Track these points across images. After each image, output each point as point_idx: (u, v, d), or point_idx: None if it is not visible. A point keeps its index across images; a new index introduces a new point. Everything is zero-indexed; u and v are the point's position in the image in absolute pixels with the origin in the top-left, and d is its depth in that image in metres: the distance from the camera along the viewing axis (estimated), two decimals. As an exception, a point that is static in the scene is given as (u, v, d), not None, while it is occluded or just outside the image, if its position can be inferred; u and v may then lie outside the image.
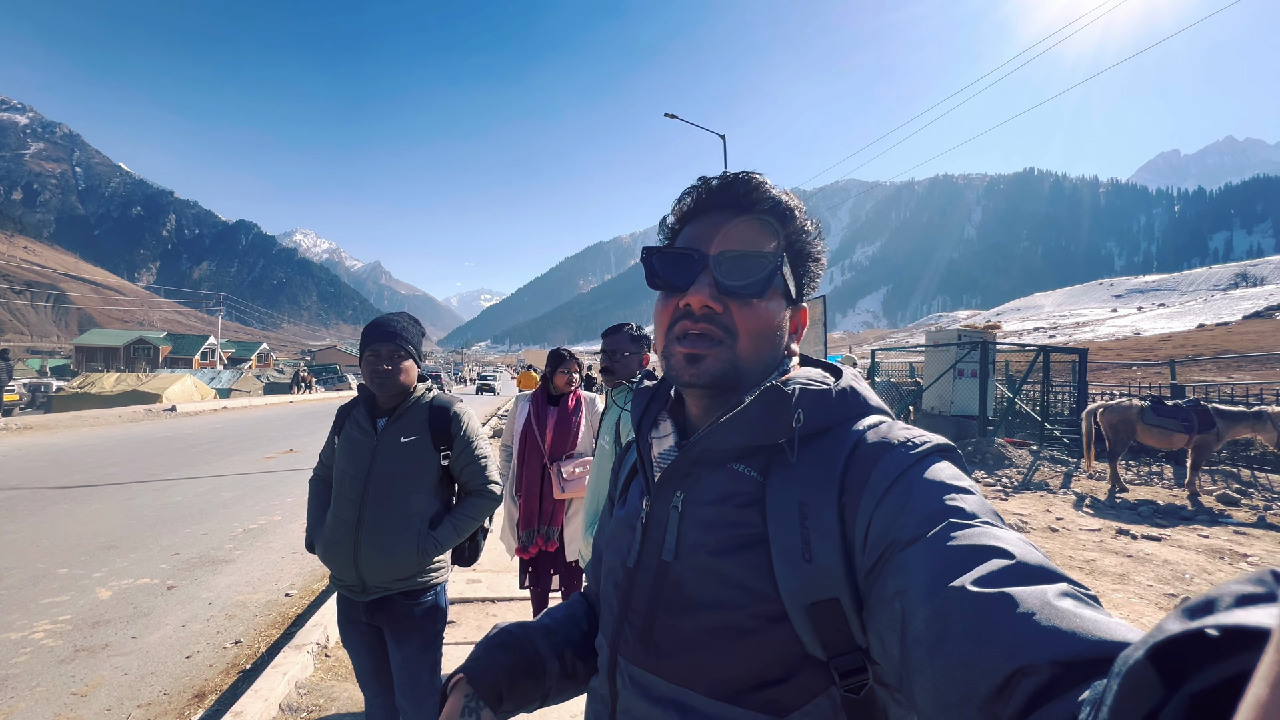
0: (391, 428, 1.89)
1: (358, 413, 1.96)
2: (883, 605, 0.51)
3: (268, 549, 5.22)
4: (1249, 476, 8.13)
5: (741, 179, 0.70)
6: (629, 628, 0.69)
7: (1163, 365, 15.78)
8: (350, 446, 1.91)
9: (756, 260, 0.67)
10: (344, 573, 1.87)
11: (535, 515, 2.90)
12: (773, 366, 0.71)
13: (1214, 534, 5.88)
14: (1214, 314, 55.71)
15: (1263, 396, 9.58)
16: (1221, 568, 4.89)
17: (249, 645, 3.48)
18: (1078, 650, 0.35)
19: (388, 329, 1.86)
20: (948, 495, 0.53)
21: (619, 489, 0.85)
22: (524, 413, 3.09)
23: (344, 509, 1.87)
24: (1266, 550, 5.36)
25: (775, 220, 0.70)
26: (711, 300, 0.67)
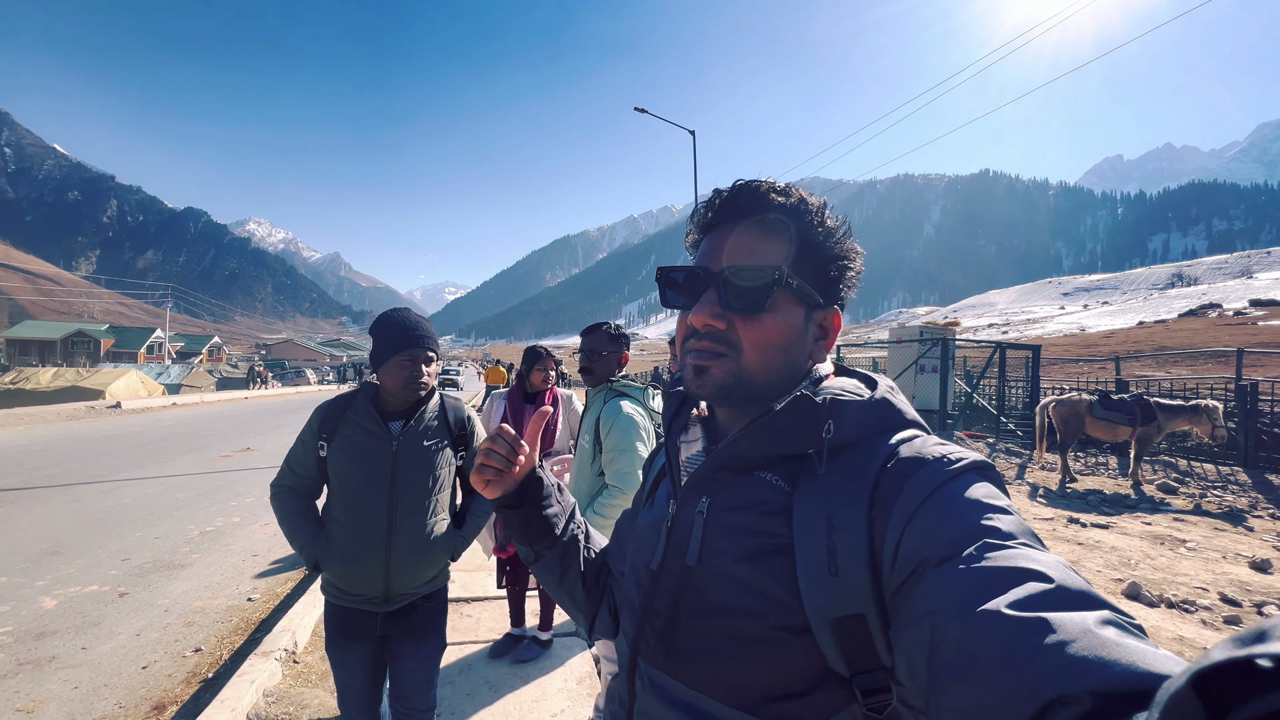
0: (411, 431, 1.80)
1: (358, 414, 1.79)
2: (911, 624, 0.49)
3: (227, 552, 5.03)
4: (1186, 466, 8.64)
5: (746, 188, 0.69)
6: (650, 630, 0.69)
7: (1107, 361, 16.62)
8: (358, 452, 1.76)
9: (756, 273, 0.66)
10: (368, 586, 1.76)
11: None
12: (794, 376, 0.70)
13: (1155, 521, 6.23)
14: (1153, 312, 58.95)
15: (1198, 390, 10.18)
16: (1163, 553, 5.19)
17: (210, 653, 3.35)
18: (1120, 681, 0.33)
19: (420, 332, 1.76)
20: (984, 514, 0.51)
21: (646, 490, 0.85)
22: (500, 410, 3.04)
23: (367, 519, 1.75)
24: (1203, 535, 5.70)
25: (782, 227, 0.68)
26: (713, 318, 0.67)
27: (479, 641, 3.37)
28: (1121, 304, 79.26)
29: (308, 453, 1.81)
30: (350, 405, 1.82)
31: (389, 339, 1.74)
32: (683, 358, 0.71)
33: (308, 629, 3.46)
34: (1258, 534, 5.78)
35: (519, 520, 0.85)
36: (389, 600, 1.80)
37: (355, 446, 1.77)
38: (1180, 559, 5.03)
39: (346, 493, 1.77)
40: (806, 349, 0.70)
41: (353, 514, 1.76)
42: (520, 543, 0.87)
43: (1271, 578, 4.55)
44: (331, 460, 1.78)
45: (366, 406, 1.79)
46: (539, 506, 0.86)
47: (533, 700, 2.80)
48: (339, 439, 1.78)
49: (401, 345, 1.73)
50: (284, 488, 1.86)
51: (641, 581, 0.73)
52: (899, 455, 0.60)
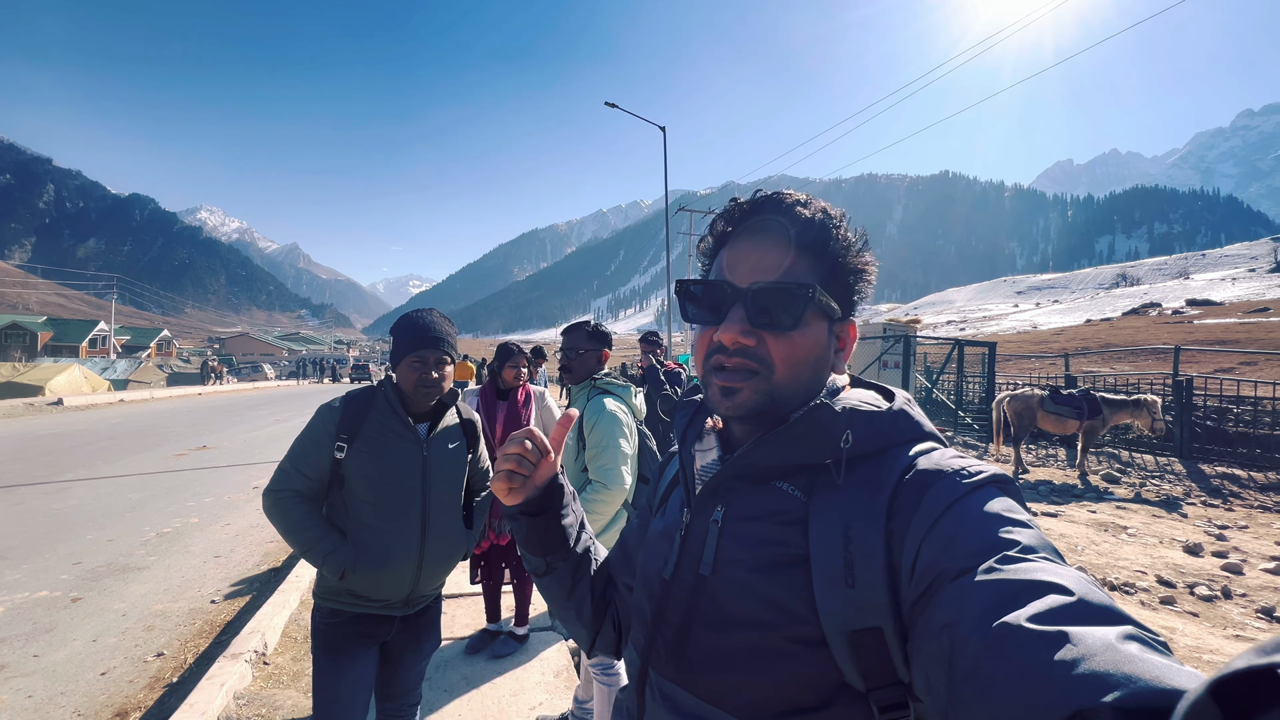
0: (439, 436, 1.80)
1: (384, 416, 1.73)
2: (930, 638, 0.48)
3: (187, 554, 4.87)
4: (1128, 457, 9.14)
5: (772, 200, 0.67)
6: (662, 640, 0.68)
7: (1058, 357, 17.40)
8: (389, 455, 1.71)
9: (790, 292, 0.64)
10: (396, 589, 1.72)
11: (496, 508, 2.89)
12: (816, 387, 0.69)
13: (1100, 509, 6.60)
14: (1099, 310, 61.88)
15: (1139, 386, 10.78)
16: (1106, 539, 5.51)
17: (174, 657, 3.26)
18: (1143, 698, 0.33)
19: (433, 334, 1.71)
20: (1003, 527, 0.51)
21: (658, 498, 0.84)
22: (472, 407, 3.05)
23: (401, 523, 1.71)
24: (1142, 522, 6.07)
25: (810, 243, 0.66)
26: (743, 336, 0.64)
27: (454, 637, 3.37)
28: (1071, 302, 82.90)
29: (321, 454, 1.69)
30: (372, 405, 1.74)
31: (402, 339, 1.72)
32: (705, 375, 0.69)
33: (277, 630, 3.40)
34: (1191, 520, 6.18)
35: (536, 529, 0.80)
36: (409, 603, 1.78)
37: (385, 449, 1.70)
38: (1122, 544, 5.35)
39: (376, 496, 1.69)
40: (829, 361, 0.70)
41: (385, 519, 1.70)
42: (533, 553, 0.82)
43: (1202, 560, 4.89)
44: (353, 463, 1.68)
45: (394, 407, 1.73)
46: (557, 515, 0.81)
47: (510, 694, 2.83)
48: (363, 440, 1.70)
49: (413, 346, 1.70)
50: (290, 493, 1.70)
51: (653, 590, 0.72)
52: (917, 467, 0.59)
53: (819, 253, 0.67)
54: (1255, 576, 4.49)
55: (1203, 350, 17.01)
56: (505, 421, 3.01)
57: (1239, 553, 5.05)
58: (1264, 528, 5.87)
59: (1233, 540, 5.42)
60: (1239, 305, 46.77)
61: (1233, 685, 0.21)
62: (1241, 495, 7.11)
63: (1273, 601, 3.98)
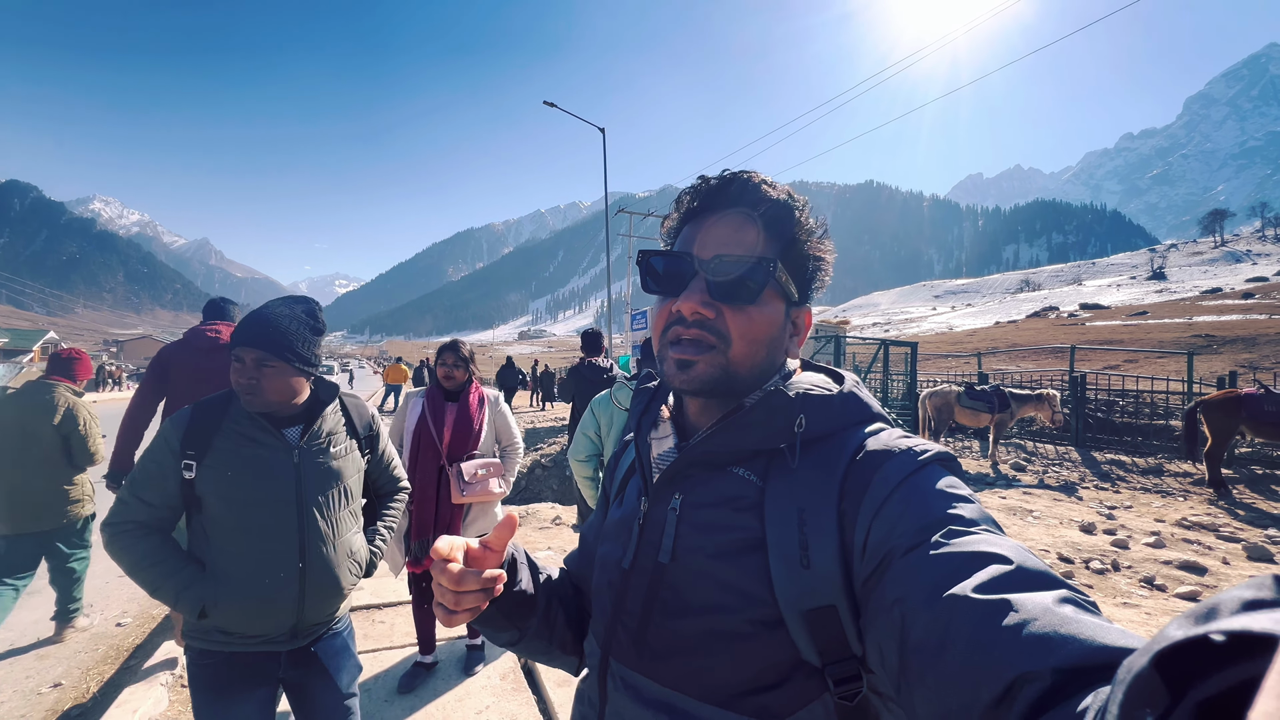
0: (314, 437, 1.56)
1: (239, 422, 1.49)
2: (882, 613, 0.50)
3: (86, 574, 4.44)
4: (1032, 448, 9.97)
5: (739, 179, 0.68)
6: (622, 629, 0.68)
7: (972, 356, 18.74)
8: (251, 467, 1.47)
9: (750, 265, 0.65)
10: (274, 623, 1.49)
11: (430, 523, 2.68)
12: (770, 371, 0.69)
13: (1010, 495, 7.16)
14: (1006, 313, 67.06)
15: (1041, 382, 11.79)
16: (1015, 522, 5.99)
17: (74, 687, 2.97)
18: (1080, 657, 0.34)
19: (251, 332, 1.45)
20: (948, 504, 0.53)
21: (615, 487, 0.84)
22: (417, 409, 2.83)
23: (273, 545, 1.47)
24: (1045, 506, 6.64)
25: (773, 221, 0.67)
26: (703, 306, 0.65)
27: (396, 647, 3.25)
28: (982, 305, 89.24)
29: (166, 477, 1.44)
30: (225, 413, 1.49)
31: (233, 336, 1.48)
32: (662, 349, 0.69)
33: (196, 650, 3.17)
34: (1086, 502, 6.82)
35: (499, 615, 0.73)
36: (297, 635, 1.53)
37: (245, 462, 1.46)
38: (1029, 526, 5.83)
39: (240, 518, 1.45)
40: (784, 344, 0.71)
41: (253, 542, 1.46)
42: (500, 630, 0.76)
43: (1095, 538, 5.40)
44: (205, 482, 1.44)
45: (247, 413, 1.49)
46: (513, 588, 0.74)
47: (455, 700, 2.76)
48: (216, 455, 1.45)
49: (232, 344, 1.45)
50: (132, 525, 1.42)
51: (613, 580, 0.71)
52: (866, 448, 0.61)
53: (781, 234, 0.68)
54: (1138, 550, 5.01)
55: (1094, 349, 18.75)
56: (455, 425, 2.76)
57: (1125, 530, 5.62)
58: (1145, 507, 6.56)
59: (1120, 519, 6.02)
60: (1123, 309, 51.93)
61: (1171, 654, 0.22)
62: (1127, 479, 7.91)
63: (1153, 572, 4.46)
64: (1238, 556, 4.66)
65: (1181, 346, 20.67)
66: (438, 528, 2.66)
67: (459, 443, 2.74)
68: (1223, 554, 4.71)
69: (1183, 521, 5.65)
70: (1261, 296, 56.36)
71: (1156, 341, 30.15)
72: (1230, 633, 0.20)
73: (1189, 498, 6.68)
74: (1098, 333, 36.24)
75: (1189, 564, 4.42)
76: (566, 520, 5.65)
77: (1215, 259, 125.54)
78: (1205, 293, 72.04)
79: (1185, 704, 0.21)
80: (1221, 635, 0.21)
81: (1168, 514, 6.04)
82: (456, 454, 2.72)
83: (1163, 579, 4.24)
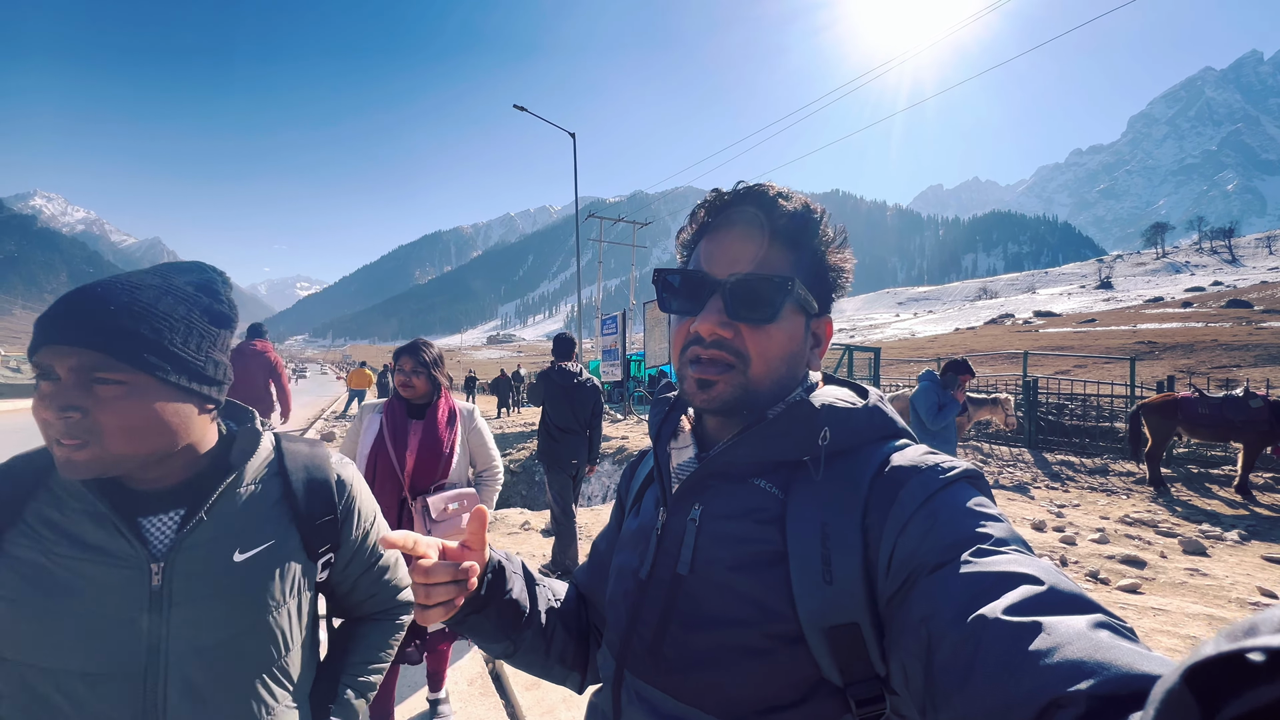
0: (202, 534, 0.82)
1: (56, 506, 0.79)
2: (907, 631, 0.49)
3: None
4: (988, 449, 10.34)
5: (755, 193, 0.67)
6: (638, 641, 0.66)
7: (932, 361, 19.34)
8: (60, 601, 0.76)
9: (768, 283, 0.64)
10: None
11: None
12: (792, 384, 0.68)
13: (966, 495, 7.43)
14: (965, 320, 69.47)
15: (996, 386, 12.26)
16: (972, 521, 6.22)
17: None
18: (1117, 684, 0.33)
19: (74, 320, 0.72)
20: (976, 522, 0.52)
21: (631, 498, 0.82)
22: (373, 427, 2.30)
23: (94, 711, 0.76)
24: (1000, 505, 6.90)
25: (791, 234, 0.66)
26: (720, 327, 0.64)
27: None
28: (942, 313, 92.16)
29: None
30: (37, 486, 0.80)
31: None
32: (681, 367, 0.68)
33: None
34: (1037, 501, 7.11)
35: (488, 621, 0.71)
36: None
37: (51, 590, 0.75)
38: (984, 525, 6.06)
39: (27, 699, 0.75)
40: (804, 357, 0.70)
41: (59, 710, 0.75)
42: (493, 641, 0.73)
43: (1046, 535, 5.64)
44: None
45: (77, 489, 0.79)
46: (501, 597, 0.71)
47: (423, 705, 2.73)
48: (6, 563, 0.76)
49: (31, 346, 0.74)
50: None
51: (629, 591, 0.70)
52: (892, 463, 0.60)
53: (799, 247, 0.67)
54: (1085, 546, 5.25)
55: (1046, 355, 19.60)
56: (420, 447, 2.27)
57: (1073, 527, 5.88)
58: (1091, 505, 6.88)
59: (1068, 517, 6.30)
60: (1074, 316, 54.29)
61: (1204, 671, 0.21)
62: (1075, 479, 8.28)
63: (1097, 566, 4.68)
64: (1174, 550, 4.94)
65: (1126, 353, 21.76)
66: None
67: (425, 470, 2.27)
68: (1160, 548, 4.98)
69: (1125, 518, 5.95)
70: (1199, 305, 59.72)
71: (1104, 348, 31.63)
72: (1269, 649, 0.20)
73: (1131, 495, 7.03)
74: (1050, 339, 37.81)
75: (1130, 558, 4.67)
76: (535, 526, 5.62)
77: (1157, 270, 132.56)
78: (1148, 301, 76.00)
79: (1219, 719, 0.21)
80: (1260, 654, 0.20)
81: (1112, 511, 6.35)
82: (422, 484, 2.26)
83: (1106, 573, 4.46)
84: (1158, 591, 4.11)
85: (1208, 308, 55.90)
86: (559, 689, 2.73)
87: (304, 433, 13.17)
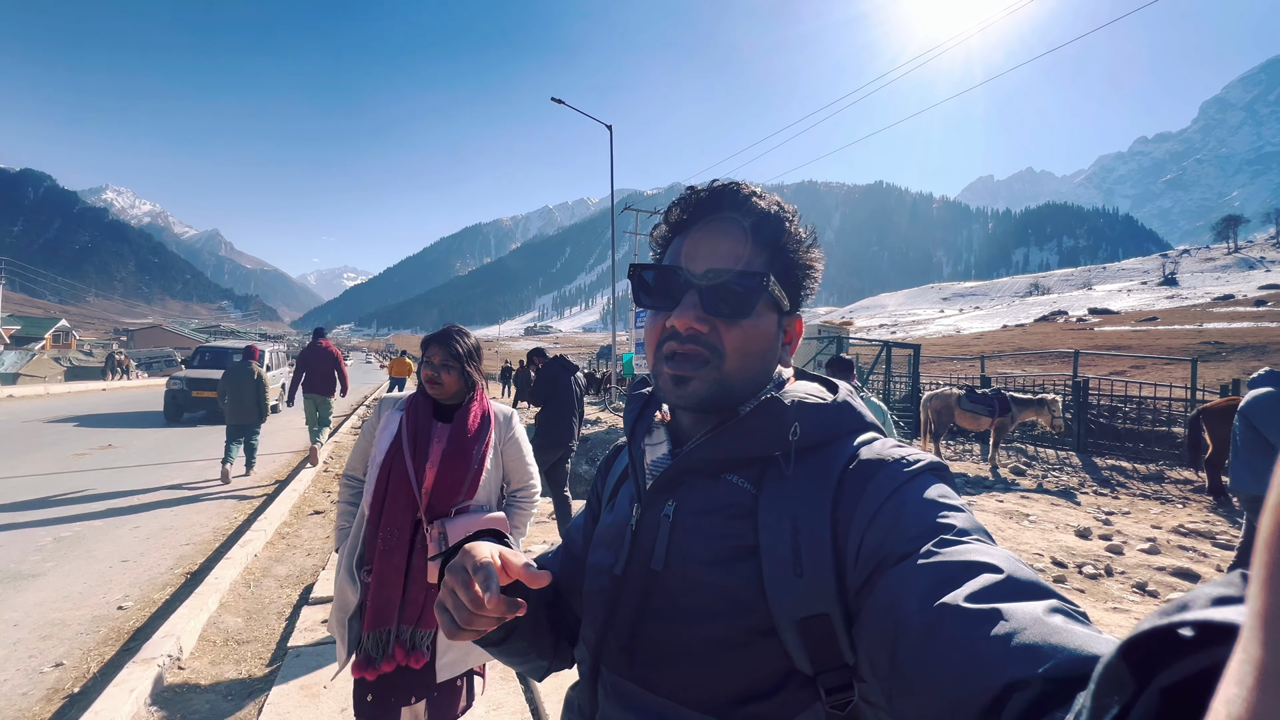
0: None
1: None
2: (873, 621, 0.50)
3: (89, 559, 4.53)
4: (1033, 452, 9.94)
5: (729, 191, 0.68)
6: (613, 636, 0.68)
7: (976, 359, 18.66)
8: None
9: (743, 279, 0.65)
10: None
11: (394, 603, 1.76)
12: (764, 380, 0.70)
13: (1007, 499, 7.16)
14: (1015, 317, 66.67)
15: (1044, 386, 11.74)
16: (1011, 525, 5.99)
17: (75, 667, 3.04)
18: (1069, 666, 0.35)
19: None
20: (940, 513, 0.53)
21: (607, 493, 0.83)
22: (391, 427, 1.91)
23: None
24: (1042, 510, 6.64)
25: (764, 232, 0.68)
26: (696, 322, 0.65)
27: None
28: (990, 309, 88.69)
29: None
30: None
31: None
32: (656, 364, 0.69)
33: (194, 634, 3.23)
34: (1083, 507, 6.80)
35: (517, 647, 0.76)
36: None
37: None
38: (1024, 530, 5.83)
39: None
40: (777, 353, 0.72)
41: None
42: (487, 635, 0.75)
43: (1090, 543, 5.40)
44: None
45: None
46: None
47: (445, 688, 2.81)
48: None
49: None
50: None
51: (604, 587, 0.71)
52: (860, 457, 0.62)
53: (772, 245, 0.68)
54: (1133, 556, 5.01)
55: (1100, 354, 18.66)
56: (444, 459, 1.85)
57: (1121, 535, 5.62)
58: (1143, 513, 6.55)
59: (1117, 525, 6.02)
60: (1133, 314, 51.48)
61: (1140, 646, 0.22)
62: (1127, 485, 7.89)
63: (1146, 578, 4.46)
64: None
65: (1190, 353, 20.52)
66: (405, 617, 1.78)
67: (447, 487, 1.84)
68: (1218, 561, 4.71)
69: (1179, 528, 5.64)
70: (1274, 304, 55.73)
71: (1165, 348, 29.91)
72: (1195, 623, 0.21)
73: (1188, 505, 6.66)
74: (1106, 338, 35.99)
75: (1183, 571, 4.43)
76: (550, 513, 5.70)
77: (1228, 265, 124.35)
78: (1217, 299, 71.39)
79: (1150, 689, 0.22)
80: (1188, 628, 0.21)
81: (1165, 520, 6.03)
82: (442, 505, 1.83)
83: (1155, 585, 4.24)
84: (1211, 606, 3.88)
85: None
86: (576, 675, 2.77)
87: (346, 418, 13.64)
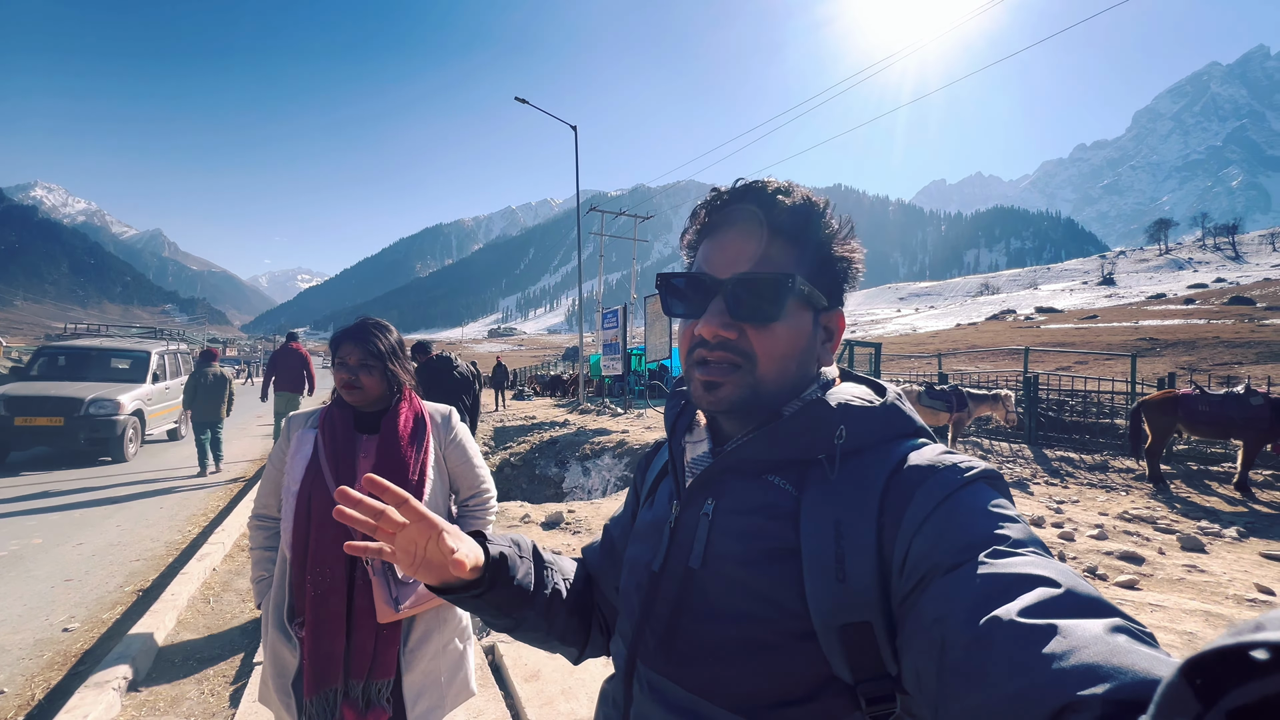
0: None
1: None
2: (920, 632, 0.48)
3: (29, 579, 4.25)
4: (988, 445, 10.35)
5: (754, 190, 0.66)
6: (650, 632, 0.67)
7: (933, 356, 19.31)
8: None
9: (770, 282, 0.63)
10: None
11: (336, 662, 1.43)
12: (805, 381, 0.68)
13: (966, 491, 7.44)
14: (967, 315, 69.30)
15: (997, 382, 12.25)
16: (970, 517, 6.24)
17: (18, 694, 2.85)
18: (1133, 689, 0.33)
19: None
20: (994, 523, 0.51)
21: (646, 489, 0.82)
22: (305, 448, 1.57)
23: None
24: (999, 501, 6.93)
25: (792, 230, 0.66)
26: (724, 329, 0.64)
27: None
28: (944, 308, 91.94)
29: None
30: None
31: None
32: (688, 369, 0.69)
33: (150, 654, 3.07)
34: (1036, 497, 7.12)
35: (490, 605, 0.74)
36: None
37: None
38: (983, 521, 6.08)
39: None
40: (815, 353, 0.69)
41: None
42: (493, 619, 0.76)
43: (1044, 531, 5.66)
44: None
45: None
46: (508, 583, 0.74)
47: (421, 699, 2.75)
48: None
49: None
50: None
51: (641, 582, 0.71)
52: (909, 463, 0.60)
53: (802, 241, 0.66)
54: (1083, 543, 5.26)
55: (1047, 351, 19.54)
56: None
57: (1072, 523, 5.90)
58: (1090, 501, 6.89)
59: (1067, 513, 6.32)
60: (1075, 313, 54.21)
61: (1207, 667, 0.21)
62: (1074, 475, 8.29)
63: (1096, 562, 4.70)
64: (1172, 547, 4.95)
65: (1128, 349, 21.74)
66: (354, 669, 1.45)
67: None
68: (1159, 545, 4.99)
69: (1124, 515, 5.96)
70: (1201, 302, 59.55)
71: (1105, 344, 31.58)
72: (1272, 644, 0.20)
73: (1131, 492, 7.04)
74: (1051, 335, 37.78)
75: (1128, 554, 4.68)
76: (535, 519, 5.64)
77: (1160, 266, 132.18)
78: (1150, 298, 75.83)
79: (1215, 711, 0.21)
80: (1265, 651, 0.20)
81: (1111, 508, 6.36)
82: None
83: (1104, 569, 4.47)
84: (1155, 588, 4.12)
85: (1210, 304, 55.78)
86: (558, 681, 2.75)
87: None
